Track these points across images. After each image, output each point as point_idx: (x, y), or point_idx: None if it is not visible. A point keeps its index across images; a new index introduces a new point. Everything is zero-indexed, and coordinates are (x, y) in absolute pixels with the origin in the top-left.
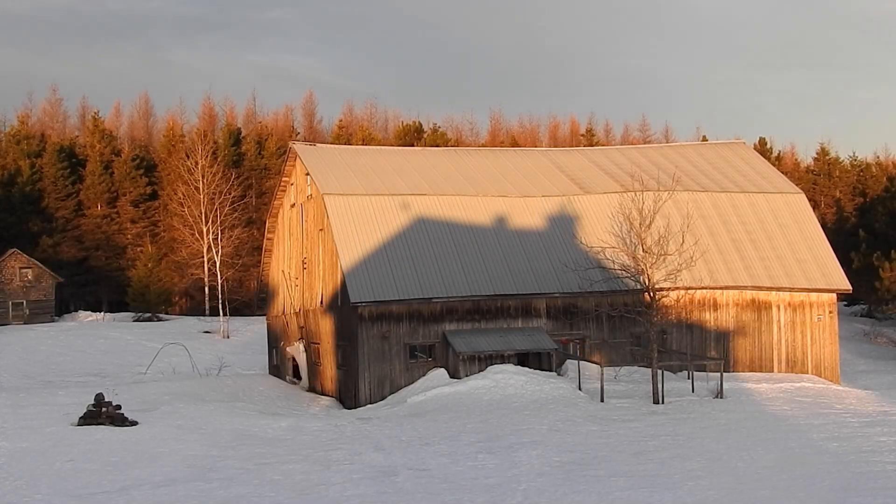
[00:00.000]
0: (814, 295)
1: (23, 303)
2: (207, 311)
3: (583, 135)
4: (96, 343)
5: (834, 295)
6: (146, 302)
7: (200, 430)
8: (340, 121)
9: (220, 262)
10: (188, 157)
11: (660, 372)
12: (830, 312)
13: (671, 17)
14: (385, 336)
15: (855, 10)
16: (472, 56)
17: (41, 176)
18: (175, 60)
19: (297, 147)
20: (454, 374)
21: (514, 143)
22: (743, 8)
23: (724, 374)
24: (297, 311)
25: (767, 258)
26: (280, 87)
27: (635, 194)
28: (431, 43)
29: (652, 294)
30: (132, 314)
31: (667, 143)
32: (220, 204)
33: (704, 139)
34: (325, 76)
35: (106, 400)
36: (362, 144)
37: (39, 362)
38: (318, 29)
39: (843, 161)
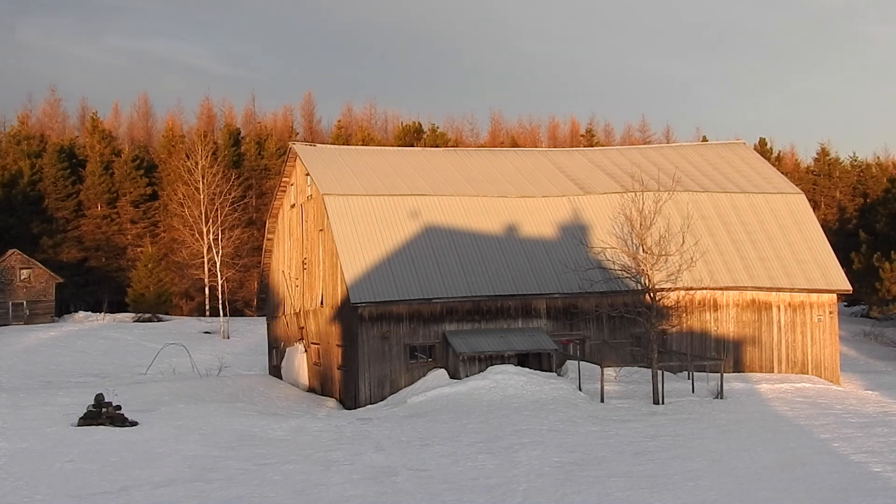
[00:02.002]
0: (814, 295)
1: (23, 303)
2: (208, 312)
3: (582, 135)
4: (96, 344)
5: (834, 295)
6: (146, 302)
7: (200, 431)
8: (339, 121)
9: (221, 263)
10: (188, 157)
11: (660, 372)
12: (830, 313)
13: (671, 17)
14: (385, 336)
15: (855, 9)
16: (473, 56)
17: (41, 177)
18: (30, 43)
19: (297, 147)
20: (454, 375)
21: (514, 144)
22: (743, 8)
23: (725, 374)
24: (297, 311)
25: (767, 259)
26: (153, 72)
27: (635, 195)
28: (430, 43)
29: (652, 295)
30: (132, 315)
31: (667, 143)
32: (220, 204)
33: (704, 139)
34: (201, 62)
35: (106, 400)
36: (362, 145)
37: (39, 363)
38: (182, 12)
39: (843, 161)
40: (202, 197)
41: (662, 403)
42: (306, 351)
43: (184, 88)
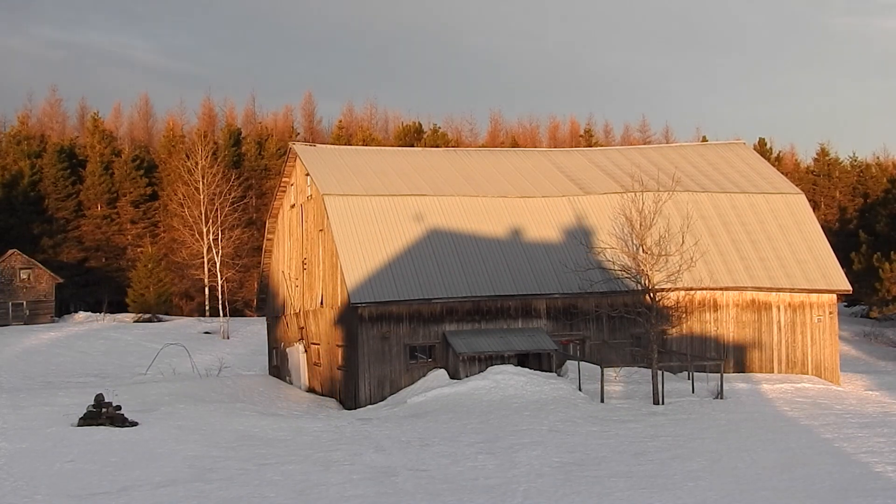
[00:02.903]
0: (814, 296)
1: (23, 304)
2: (208, 312)
3: (582, 135)
4: (96, 344)
5: (834, 296)
6: (146, 303)
7: (200, 431)
8: (340, 121)
9: (221, 263)
10: (188, 157)
11: (660, 373)
12: (830, 313)
13: (671, 17)
14: (385, 337)
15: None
16: (472, 56)
17: (41, 177)
18: None
19: (297, 147)
20: (454, 375)
21: (514, 144)
22: (743, 8)
23: (724, 374)
24: (297, 311)
25: (767, 259)
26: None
27: (635, 195)
28: (430, 43)
29: (652, 296)
30: (132, 315)
31: (667, 143)
32: (220, 204)
33: (704, 139)
34: (139, 54)
35: (106, 400)
36: (363, 145)
37: (39, 363)
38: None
39: (842, 162)
40: (202, 197)
41: (662, 404)
42: (306, 351)
43: (122, 83)
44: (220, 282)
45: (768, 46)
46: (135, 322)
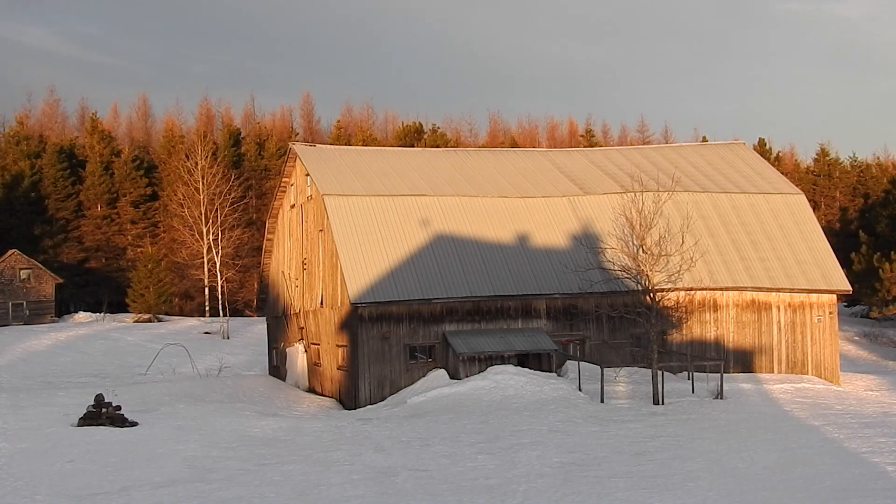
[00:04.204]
0: (814, 296)
1: (23, 304)
2: (208, 312)
3: (581, 136)
4: (96, 344)
5: (834, 296)
6: (146, 303)
7: (200, 431)
8: (339, 122)
9: (221, 263)
10: (188, 157)
11: (660, 373)
12: (830, 313)
13: (670, 17)
14: (385, 337)
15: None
16: (472, 56)
17: (41, 177)
18: None
19: (297, 148)
20: (454, 375)
21: (513, 144)
22: (741, 7)
23: (724, 374)
24: (297, 311)
25: (767, 259)
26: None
27: (635, 195)
28: (431, 43)
29: (652, 296)
30: (132, 315)
31: (666, 143)
32: (220, 205)
33: (704, 140)
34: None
35: (106, 401)
36: (362, 145)
37: (39, 363)
38: None
39: (843, 162)
40: (202, 197)
41: (662, 404)
42: (306, 351)
43: (121, 83)
44: (220, 282)
45: (769, 44)
46: (135, 322)
